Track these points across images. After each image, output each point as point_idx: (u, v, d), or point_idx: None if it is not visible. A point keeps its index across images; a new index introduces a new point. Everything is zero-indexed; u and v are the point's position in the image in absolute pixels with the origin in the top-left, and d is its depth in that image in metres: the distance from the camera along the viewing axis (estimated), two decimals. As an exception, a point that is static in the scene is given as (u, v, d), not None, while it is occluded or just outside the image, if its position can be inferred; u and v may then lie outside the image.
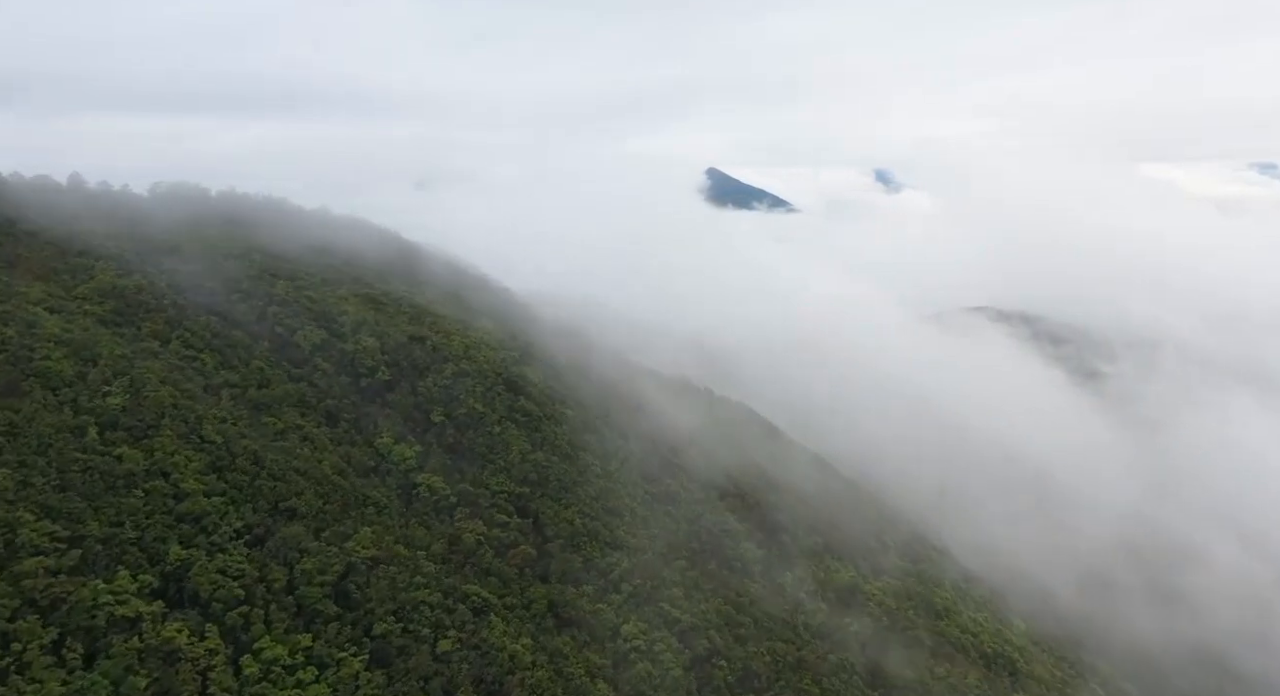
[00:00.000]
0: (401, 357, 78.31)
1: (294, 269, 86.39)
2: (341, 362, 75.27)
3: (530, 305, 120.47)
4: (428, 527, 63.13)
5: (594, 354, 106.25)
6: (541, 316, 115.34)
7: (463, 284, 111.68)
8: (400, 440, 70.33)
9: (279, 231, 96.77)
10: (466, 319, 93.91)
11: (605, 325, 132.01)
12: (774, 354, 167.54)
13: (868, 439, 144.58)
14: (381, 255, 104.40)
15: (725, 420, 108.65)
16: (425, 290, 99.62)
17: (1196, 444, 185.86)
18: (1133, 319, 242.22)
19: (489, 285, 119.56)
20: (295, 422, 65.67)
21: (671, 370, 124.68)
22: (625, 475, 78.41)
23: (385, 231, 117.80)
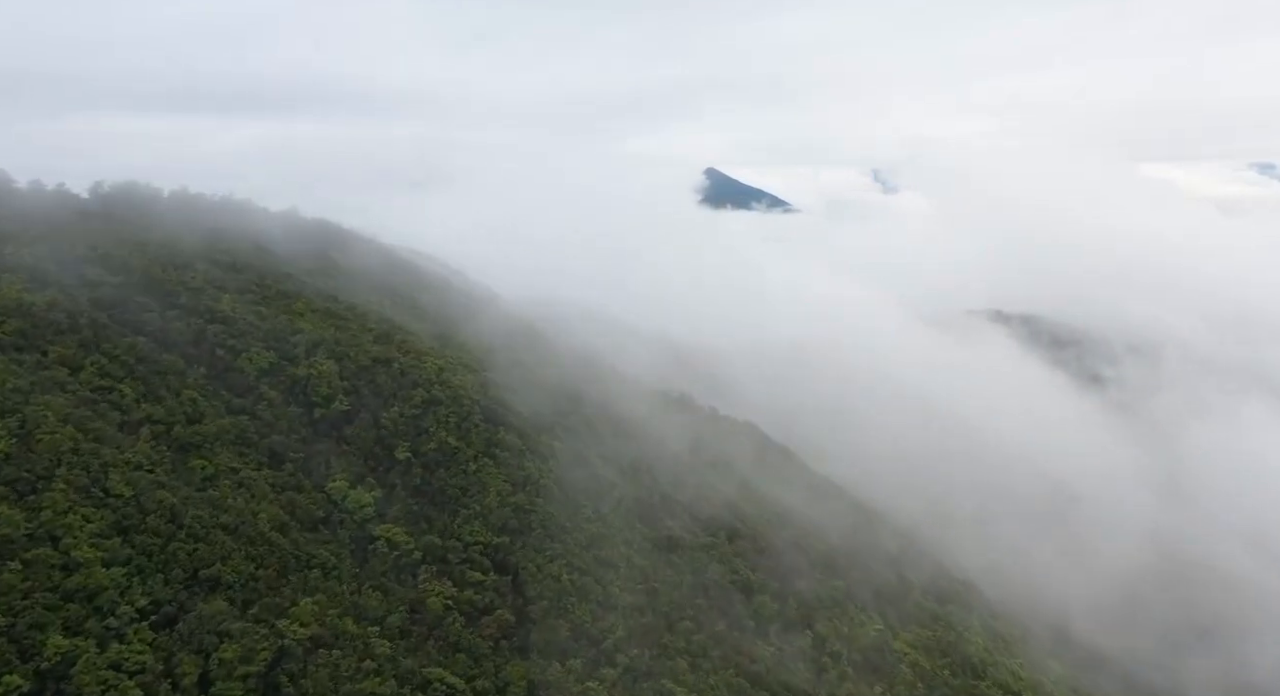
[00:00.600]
0: (363, 383, 68.09)
1: (245, 280, 76.10)
2: (292, 390, 65.06)
3: (518, 316, 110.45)
4: (385, 593, 52.93)
5: (586, 370, 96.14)
6: (530, 328, 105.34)
7: (445, 294, 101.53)
8: (357, 483, 60.15)
9: (235, 237, 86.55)
10: (444, 335, 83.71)
11: (598, 335, 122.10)
12: (771, 360, 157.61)
13: (868, 448, 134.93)
14: (352, 263, 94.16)
15: (730, 443, 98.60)
16: (399, 303, 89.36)
17: (1210, 454, 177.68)
18: (1134, 320, 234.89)
19: (474, 294, 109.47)
20: (229, 465, 55.48)
21: (666, 382, 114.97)
22: (621, 517, 68.26)
23: (358, 236, 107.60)
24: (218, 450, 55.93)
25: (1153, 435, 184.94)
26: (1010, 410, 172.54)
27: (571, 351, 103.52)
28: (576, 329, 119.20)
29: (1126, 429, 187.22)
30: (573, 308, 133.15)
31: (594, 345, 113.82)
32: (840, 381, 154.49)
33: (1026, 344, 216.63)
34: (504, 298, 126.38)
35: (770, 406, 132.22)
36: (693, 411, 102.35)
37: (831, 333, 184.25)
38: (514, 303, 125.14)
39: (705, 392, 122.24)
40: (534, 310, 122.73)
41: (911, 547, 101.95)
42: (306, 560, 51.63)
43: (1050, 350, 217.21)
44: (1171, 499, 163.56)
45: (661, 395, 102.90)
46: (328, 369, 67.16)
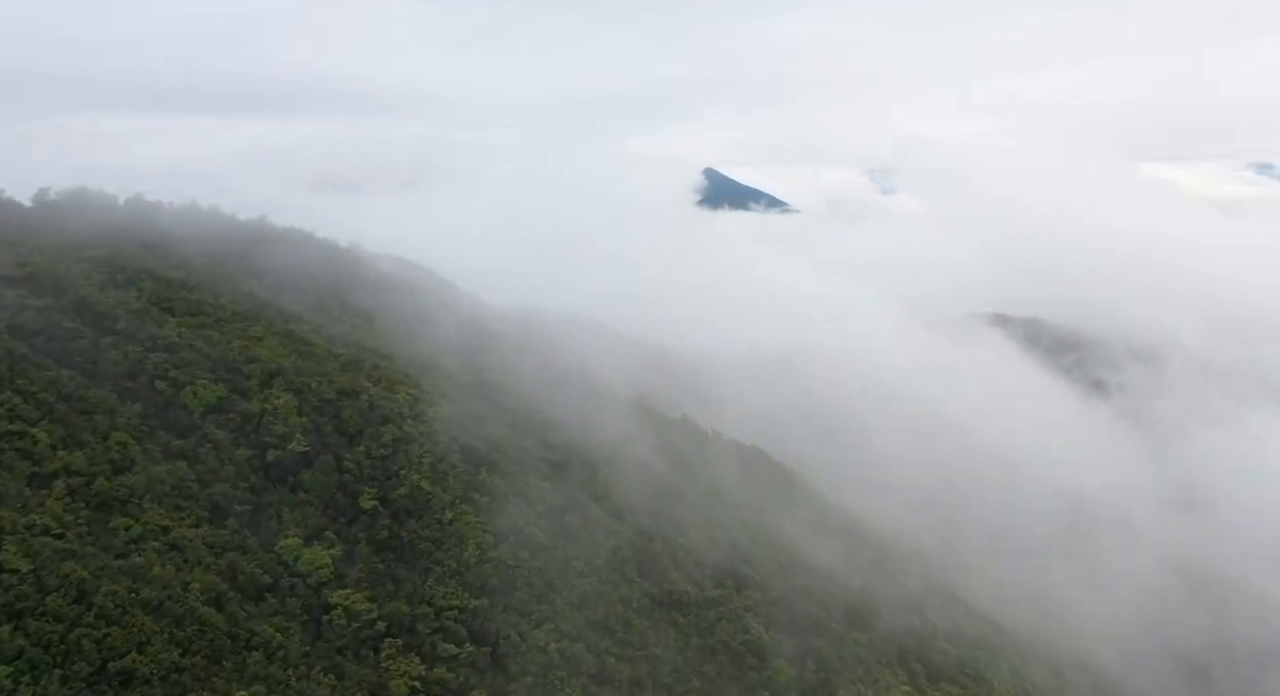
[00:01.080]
0: (326, 420, 60.11)
1: (197, 300, 68.06)
2: (243, 429, 57.06)
3: (504, 332, 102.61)
4: (340, 675, 45.00)
5: (577, 391, 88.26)
6: (518, 344, 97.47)
7: (426, 309, 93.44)
8: (313, 539, 52.24)
9: (193, 250, 78.58)
10: (422, 358, 75.73)
11: (590, 347, 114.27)
12: (769, 368, 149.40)
13: (870, 459, 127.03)
14: (324, 279, 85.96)
15: (733, 470, 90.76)
16: (374, 322, 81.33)
17: (1220, 464, 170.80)
18: (1135, 323, 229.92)
19: (459, 309, 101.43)
20: (160, 524, 47.53)
21: (663, 399, 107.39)
22: (617, 570, 60.36)
23: (334, 247, 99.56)
24: (147, 506, 47.96)
25: (1160, 444, 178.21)
26: (1015, 419, 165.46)
27: (562, 370, 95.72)
28: (567, 342, 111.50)
29: (1133, 437, 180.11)
30: (563, 317, 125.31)
31: (586, 360, 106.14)
32: (840, 389, 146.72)
33: (1028, 348, 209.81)
34: (491, 308, 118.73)
35: (769, 418, 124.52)
36: (693, 435, 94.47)
37: (830, 338, 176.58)
38: (502, 314, 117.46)
39: (702, 407, 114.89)
40: (523, 321, 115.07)
41: (929, 583, 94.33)
42: (246, 639, 43.68)
43: (1052, 354, 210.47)
44: (1186, 512, 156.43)
45: (659, 418, 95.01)
46: (285, 403, 59.17)
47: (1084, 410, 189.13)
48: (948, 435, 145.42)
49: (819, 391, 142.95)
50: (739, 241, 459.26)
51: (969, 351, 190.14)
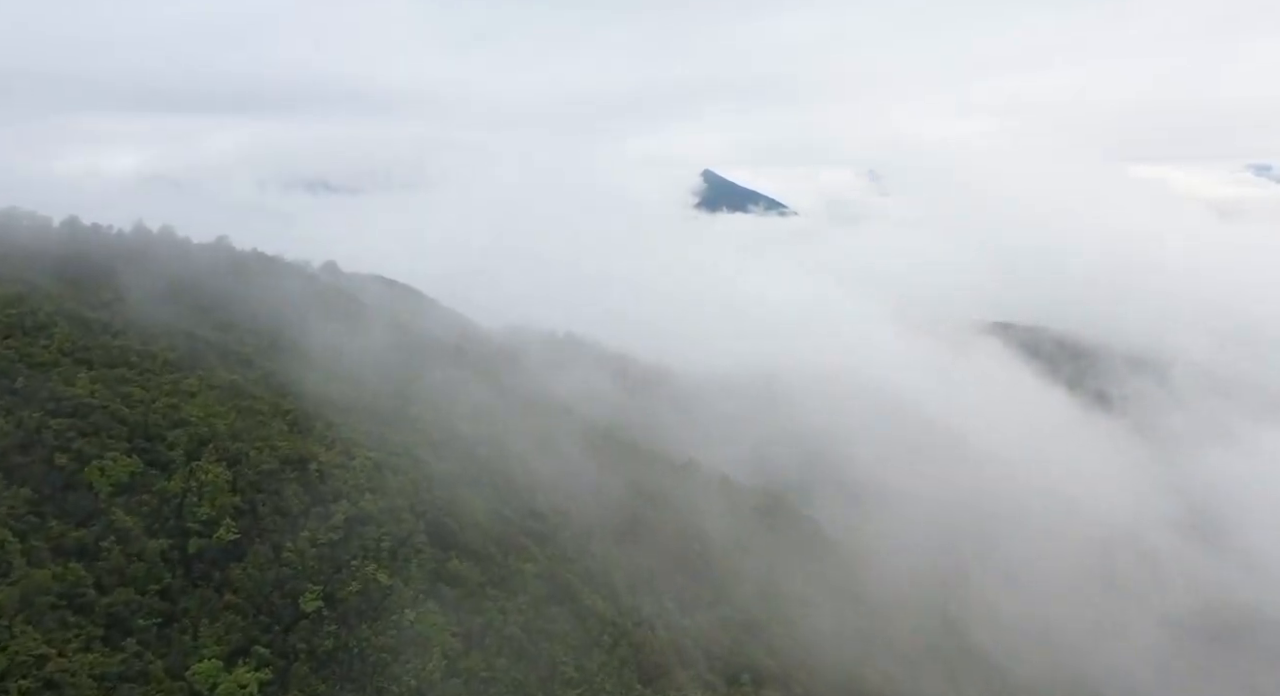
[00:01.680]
0: (264, 497, 50.18)
1: (121, 348, 58.11)
2: (160, 514, 47.19)
3: (489, 363, 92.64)
4: None
5: (552, 431, 78.33)
6: (498, 384, 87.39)
7: (402, 344, 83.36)
8: (239, 655, 42.40)
9: (129, 284, 68.65)
10: (387, 409, 65.80)
11: (579, 376, 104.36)
12: (759, 386, 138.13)
13: (867, 483, 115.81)
14: (286, 312, 75.90)
15: (744, 525, 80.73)
16: (340, 361, 71.29)
17: (1237, 487, 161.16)
18: (1136, 331, 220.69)
19: (438, 340, 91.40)
20: (35, 652, 37.62)
21: (661, 433, 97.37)
22: (612, 675, 50.50)
23: (303, 273, 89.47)
24: (19, 629, 38.08)
25: (1169, 461, 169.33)
26: (1020, 437, 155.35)
27: (538, 402, 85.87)
28: (554, 371, 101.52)
29: (1141, 454, 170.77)
30: (549, 337, 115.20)
31: (575, 392, 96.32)
32: (837, 409, 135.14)
33: (1028, 357, 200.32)
34: (474, 329, 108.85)
35: (763, 441, 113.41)
36: (698, 481, 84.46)
37: (827, 353, 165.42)
38: (484, 337, 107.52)
39: (695, 431, 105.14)
40: (506, 346, 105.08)
41: (962, 648, 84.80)
42: (136, 815, 33.85)
43: (1053, 364, 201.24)
44: (1202, 541, 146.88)
45: (659, 461, 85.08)
46: (216, 478, 49.24)
47: (1090, 426, 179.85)
48: (951, 456, 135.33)
49: (815, 412, 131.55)
50: (735, 247, 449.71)
51: (971, 365, 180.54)
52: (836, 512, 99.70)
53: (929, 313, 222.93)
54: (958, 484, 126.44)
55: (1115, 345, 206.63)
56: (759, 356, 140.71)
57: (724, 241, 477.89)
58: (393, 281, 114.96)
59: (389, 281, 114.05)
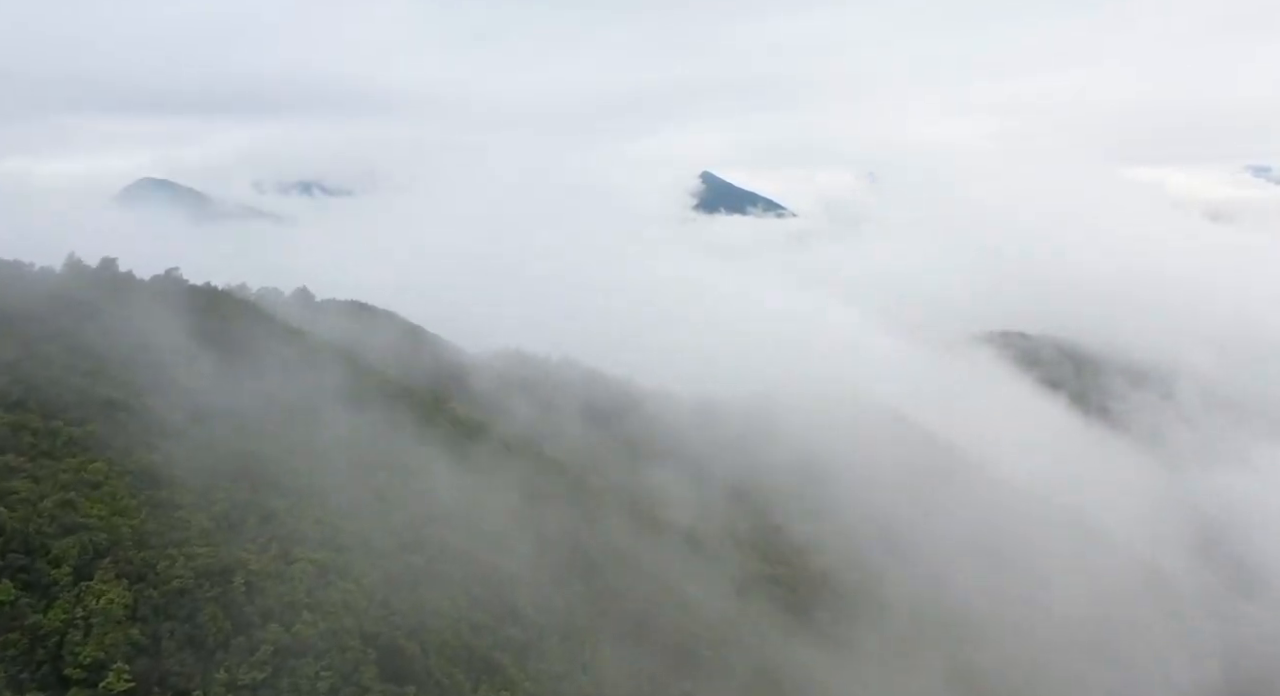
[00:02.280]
0: (177, 625, 40.14)
1: (13, 424, 48.02)
2: (30, 658, 37.11)
3: (472, 405, 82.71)
4: None
5: (553, 504, 68.29)
6: (483, 425, 77.51)
7: (371, 388, 73.32)
8: None
9: (44, 337, 58.39)
10: (346, 488, 55.69)
11: (568, 407, 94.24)
12: (752, 406, 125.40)
13: (866, 512, 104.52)
14: (228, 369, 65.22)
15: (766, 602, 70.83)
16: (289, 429, 60.91)
17: (1249, 510, 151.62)
18: (1137, 342, 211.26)
19: (419, 383, 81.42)
20: None
21: (663, 498, 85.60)
22: None
23: (257, 310, 79.09)
24: None
25: (1183, 485, 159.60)
26: (1031, 460, 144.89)
27: (539, 460, 75.94)
28: (544, 409, 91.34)
29: (1152, 476, 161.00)
30: (541, 365, 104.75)
31: (566, 435, 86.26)
32: (840, 431, 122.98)
33: (1029, 367, 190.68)
34: (458, 366, 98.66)
35: (755, 469, 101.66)
36: (709, 559, 74.15)
37: (826, 368, 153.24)
38: (470, 371, 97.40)
39: (687, 461, 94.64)
40: (492, 382, 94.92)
41: None
42: None
43: (1056, 375, 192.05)
44: (1218, 573, 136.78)
45: (661, 527, 75.02)
46: (111, 602, 39.29)
47: (1101, 445, 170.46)
48: (962, 484, 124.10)
49: (814, 438, 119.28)
50: (732, 251, 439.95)
51: (974, 379, 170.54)
52: (844, 553, 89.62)
53: (928, 321, 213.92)
54: (970, 514, 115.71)
55: (1117, 357, 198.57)
56: (753, 375, 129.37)
57: (720, 246, 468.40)
58: (370, 308, 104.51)
59: (365, 308, 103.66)
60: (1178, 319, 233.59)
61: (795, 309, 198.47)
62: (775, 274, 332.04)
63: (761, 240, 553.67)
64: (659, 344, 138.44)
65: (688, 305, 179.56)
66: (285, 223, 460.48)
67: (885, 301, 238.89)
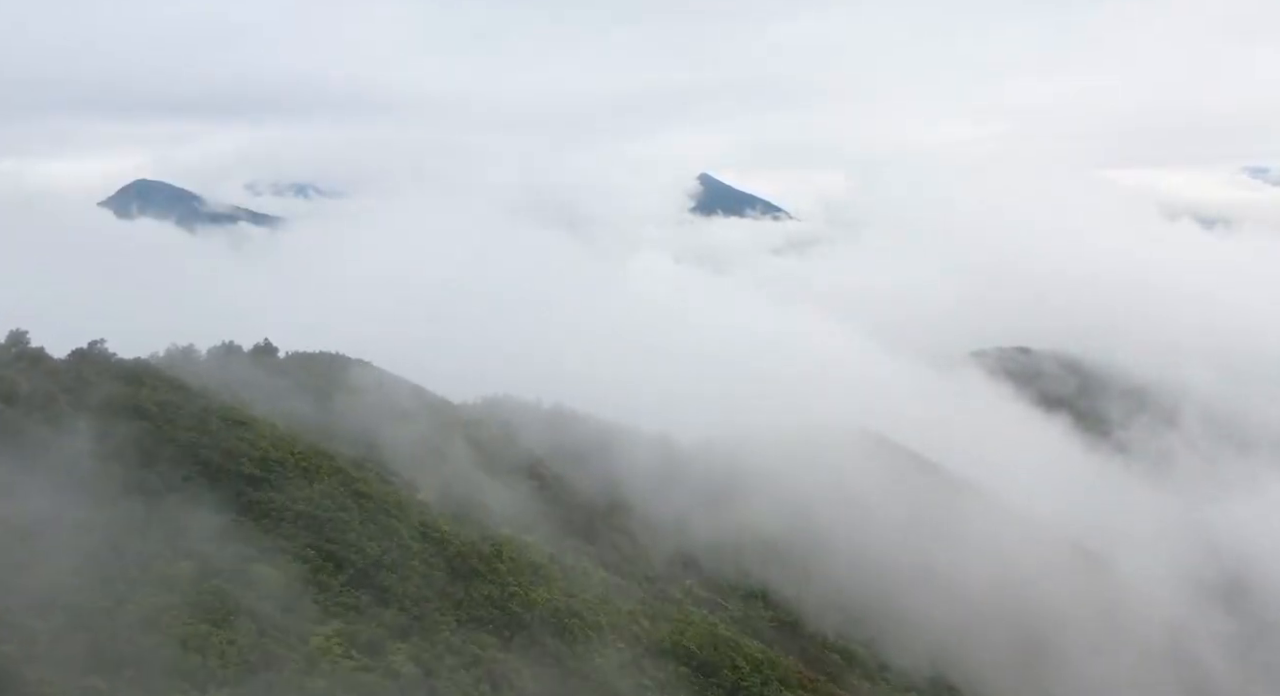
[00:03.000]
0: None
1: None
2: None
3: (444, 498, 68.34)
4: None
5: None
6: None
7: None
8: None
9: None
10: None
11: (565, 472, 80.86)
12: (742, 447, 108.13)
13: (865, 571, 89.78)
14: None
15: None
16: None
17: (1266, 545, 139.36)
18: (1141, 360, 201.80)
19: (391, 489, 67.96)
20: None
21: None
22: None
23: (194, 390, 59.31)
24: None
25: (1195, 517, 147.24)
26: (1042, 492, 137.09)
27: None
28: (534, 485, 75.64)
29: (1157, 505, 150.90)
30: (534, 413, 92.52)
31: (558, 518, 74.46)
32: (827, 472, 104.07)
33: (1023, 386, 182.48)
34: (441, 418, 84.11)
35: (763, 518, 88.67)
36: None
37: (816, 395, 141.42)
38: (453, 422, 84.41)
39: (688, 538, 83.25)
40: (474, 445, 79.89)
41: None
42: None
43: (1055, 391, 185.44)
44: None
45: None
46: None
47: (1105, 473, 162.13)
48: (965, 526, 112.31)
49: (799, 475, 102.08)
50: (724, 258, 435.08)
51: (978, 406, 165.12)
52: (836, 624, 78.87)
53: (923, 335, 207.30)
54: (985, 555, 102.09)
55: (1120, 374, 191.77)
56: (737, 407, 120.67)
57: (713, 252, 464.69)
58: (343, 358, 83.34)
59: (336, 359, 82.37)
60: (1178, 332, 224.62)
61: (785, 328, 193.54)
62: (766, 285, 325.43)
63: (757, 244, 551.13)
64: (630, 377, 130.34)
65: (669, 331, 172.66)
66: (278, 225, 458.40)
67: (878, 314, 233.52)
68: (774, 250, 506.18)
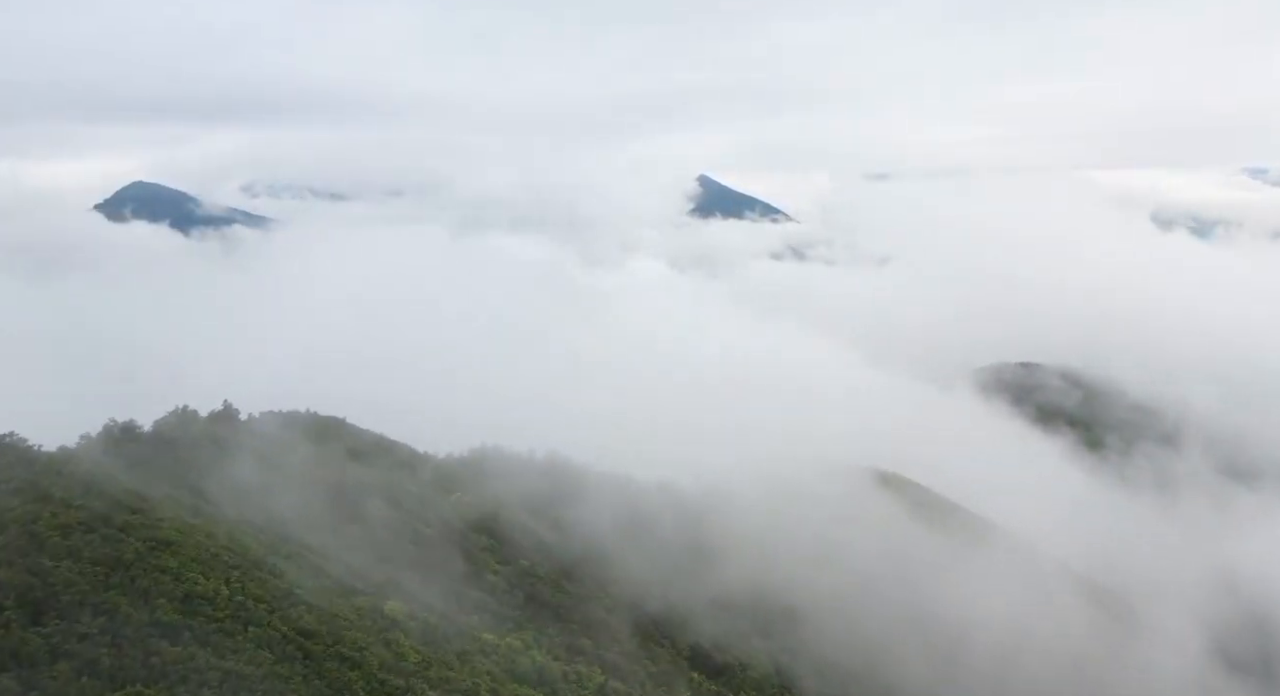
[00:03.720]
0: None
1: None
2: None
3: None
4: None
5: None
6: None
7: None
8: None
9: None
10: None
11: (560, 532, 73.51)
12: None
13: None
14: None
15: None
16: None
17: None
18: (1140, 377, 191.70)
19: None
20: None
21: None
22: None
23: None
24: None
25: (1202, 544, 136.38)
26: (1052, 522, 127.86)
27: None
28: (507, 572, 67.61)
29: (1169, 536, 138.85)
30: (525, 465, 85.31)
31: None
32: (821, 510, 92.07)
33: (1017, 404, 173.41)
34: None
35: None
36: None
37: (807, 421, 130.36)
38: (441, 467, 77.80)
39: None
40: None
41: None
42: None
43: (1058, 410, 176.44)
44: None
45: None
46: None
47: (1113, 503, 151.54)
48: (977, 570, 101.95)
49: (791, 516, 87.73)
50: (718, 264, 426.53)
51: (980, 430, 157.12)
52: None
53: (918, 353, 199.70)
54: (992, 608, 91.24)
55: (1114, 393, 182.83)
56: (723, 444, 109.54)
57: (708, 256, 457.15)
58: (320, 418, 77.16)
59: (312, 420, 76.03)
60: (1181, 346, 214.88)
61: (779, 345, 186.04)
62: (763, 293, 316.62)
63: (755, 248, 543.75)
64: (613, 411, 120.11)
65: (657, 357, 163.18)
66: (272, 226, 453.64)
67: (873, 326, 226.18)
68: (772, 254, 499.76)
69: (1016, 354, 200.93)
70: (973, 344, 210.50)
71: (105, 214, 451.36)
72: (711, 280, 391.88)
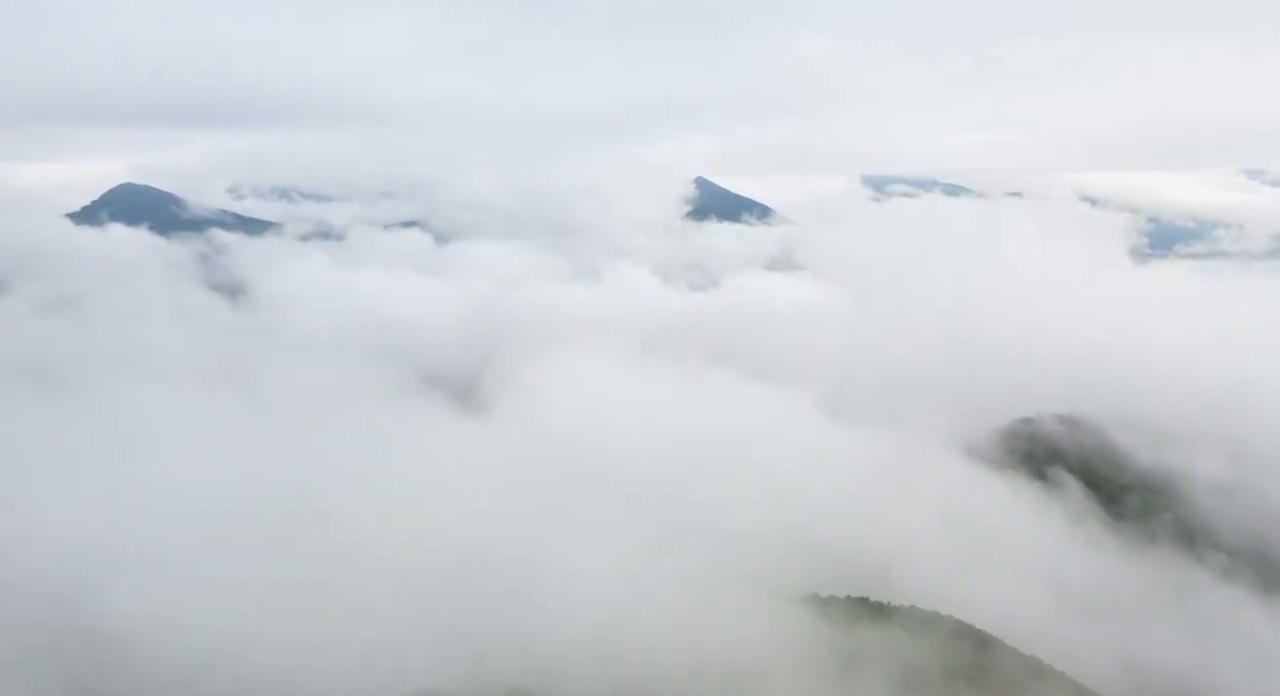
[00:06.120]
0: None
1: None
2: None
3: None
4: None
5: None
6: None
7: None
8: None
9: None
10: None
11: None
12: None
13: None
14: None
15: None
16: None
17: None
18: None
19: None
20: None
21: None
22: None
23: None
24: None
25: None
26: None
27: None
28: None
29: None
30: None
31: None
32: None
33: (1013, 463, 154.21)
34: None
35: None
36: None
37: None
38: None
39: None
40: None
41: None
42: None
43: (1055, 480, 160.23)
44: None
45: None
46: None
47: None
48: None
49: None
50: (713, 269, 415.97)
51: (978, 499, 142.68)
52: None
53: (912, 404, 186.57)
54: None
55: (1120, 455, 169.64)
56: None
57: (701, 263, 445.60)
58: None
59: None
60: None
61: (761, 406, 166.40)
62: (757, 303, 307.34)
63: (749, 256, 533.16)
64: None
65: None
66: (258, 229, 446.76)
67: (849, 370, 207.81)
68: (768, 262, 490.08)
69: (1014, 407, 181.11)
70: (963, 394, 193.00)
71: (85, 218, 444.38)
72: (701, 291, 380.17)
